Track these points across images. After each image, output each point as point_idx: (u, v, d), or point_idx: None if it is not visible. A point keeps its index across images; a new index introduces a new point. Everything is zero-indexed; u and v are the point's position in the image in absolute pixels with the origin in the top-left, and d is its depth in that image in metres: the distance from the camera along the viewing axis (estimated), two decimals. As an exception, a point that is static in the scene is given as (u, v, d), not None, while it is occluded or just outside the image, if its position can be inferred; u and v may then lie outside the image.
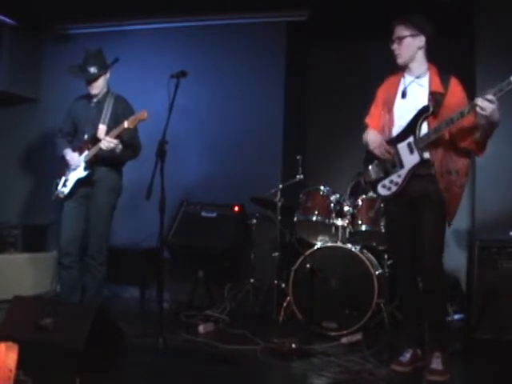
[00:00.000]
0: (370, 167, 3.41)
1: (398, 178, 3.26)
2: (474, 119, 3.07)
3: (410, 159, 3.22)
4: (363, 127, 3.52)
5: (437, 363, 3.15)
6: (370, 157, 3.43)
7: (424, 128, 3.20)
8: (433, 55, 3.30)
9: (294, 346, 3.54)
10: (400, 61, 3.30)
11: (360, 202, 4.48)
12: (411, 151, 3.21)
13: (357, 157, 3.81)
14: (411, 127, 3.23)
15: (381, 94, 3.47)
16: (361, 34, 5.32)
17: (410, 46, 3.25)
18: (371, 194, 4.49)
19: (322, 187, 4.57)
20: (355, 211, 4.48)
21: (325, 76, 5.96)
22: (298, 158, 4.71)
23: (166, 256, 5.04)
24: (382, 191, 3.35)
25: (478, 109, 2.92)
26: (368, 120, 3.51)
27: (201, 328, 4.15)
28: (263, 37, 5.54)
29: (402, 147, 3.25)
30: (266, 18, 5.52)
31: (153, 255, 4.89)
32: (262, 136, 5.48)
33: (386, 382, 3.09)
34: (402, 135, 3.27)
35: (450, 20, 4.72)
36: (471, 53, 4.82)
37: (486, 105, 2.89)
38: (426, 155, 3.20)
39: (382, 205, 4.38)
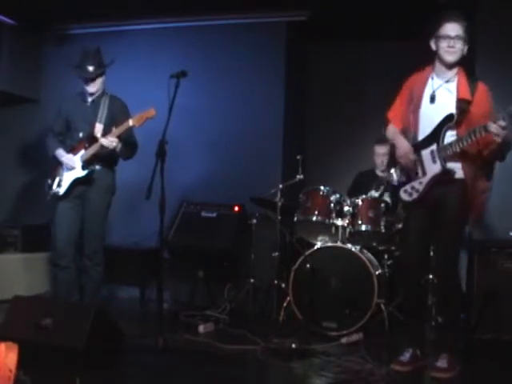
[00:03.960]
0: (393, 171, 3.41)
1: (419, 185, 3.26)
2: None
3: (432, 168, 3.21)
4: (384, 122, 3.49)
5: (442, 362, 3.16)
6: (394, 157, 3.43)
7: (448, 136, 3.18)
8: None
9: (293, 346, 3.54)
10: (451, 58, 3.20)
11: (360, 202, 4.48)
12: (434, 160, 3.20)
13: (357, 156, 3.81)
14: (435, 135, 3.20)
15: (407, 89, 3.40)
16: (360, 34, 5.31)
17: (461, 49, 3.21)
18: (371, 193, 4.51)
19: (322, 187, 4.55)
20: (355, 211, 4.48)
21: (325, 76, 5.96)
22: (298, 157, 4.70)
23: (166, 256, 5.03)
24: (403, 196, 3.34)
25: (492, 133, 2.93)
26: (390, 114, 3.46)
27: (201, 328, 4.15)
28: (263, 37, 5.54)
29: (426, 154, 3.23)
30: (265, 18, 5.52)
31: (153, 255, 4.88)
32: (261, 136, 5.48)
33: (385, 382, 3.09)
34: (426, 142, 3.25)
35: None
36: (471, 53, 4.81)
37: (499, 131, 2.90)
38: (450, 165, 3.17)
39: (382, 205, 4.39)
